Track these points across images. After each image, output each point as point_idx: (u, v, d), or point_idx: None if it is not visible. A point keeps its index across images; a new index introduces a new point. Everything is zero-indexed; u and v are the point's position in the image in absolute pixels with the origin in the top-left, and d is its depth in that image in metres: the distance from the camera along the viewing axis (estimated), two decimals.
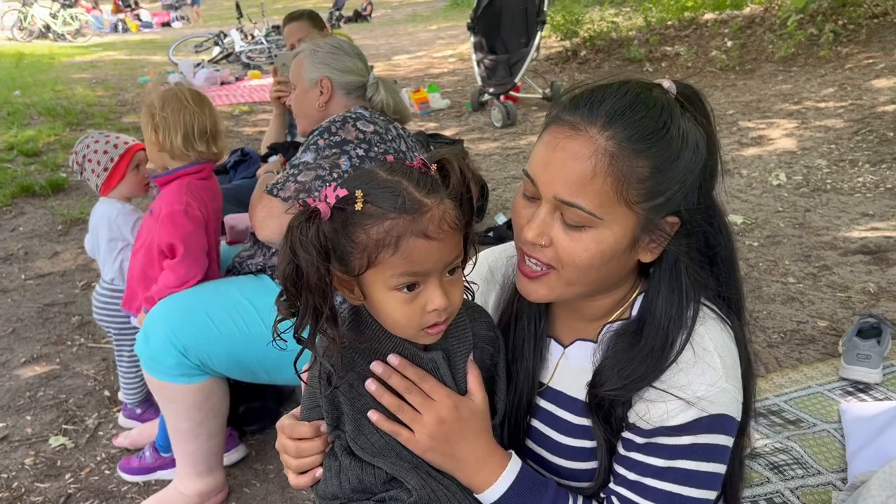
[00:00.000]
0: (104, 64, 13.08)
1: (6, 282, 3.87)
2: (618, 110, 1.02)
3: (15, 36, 17.70)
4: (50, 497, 2.27)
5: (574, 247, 1.05)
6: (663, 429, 1.08)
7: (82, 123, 7.57)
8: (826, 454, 2.11)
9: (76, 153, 2.37)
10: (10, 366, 3.04)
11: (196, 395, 2.02)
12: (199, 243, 2.12)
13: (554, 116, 1.08)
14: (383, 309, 1.03)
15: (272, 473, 2.34)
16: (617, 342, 1.15)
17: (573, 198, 1.03)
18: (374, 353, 1.09)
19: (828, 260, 3.54)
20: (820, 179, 4.69)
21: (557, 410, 1.23)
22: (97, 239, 2.42)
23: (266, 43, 12.22)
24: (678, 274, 1.11)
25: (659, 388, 1.09)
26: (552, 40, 10.54)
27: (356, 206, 0.97)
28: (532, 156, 1.10)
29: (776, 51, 8.10)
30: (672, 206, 1.06)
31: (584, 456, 1.19)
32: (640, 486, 1.10)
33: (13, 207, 5.03)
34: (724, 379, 1.08)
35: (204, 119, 2.14)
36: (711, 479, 1.09)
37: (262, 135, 3.99)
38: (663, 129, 1.03)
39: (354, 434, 1.07)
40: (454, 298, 1.05)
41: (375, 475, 1.10)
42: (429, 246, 0.98)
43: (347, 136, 2.07)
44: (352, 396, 1.07)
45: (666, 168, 1.03)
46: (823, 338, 2.86)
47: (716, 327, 1.12)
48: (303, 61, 2.33)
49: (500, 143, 6.42)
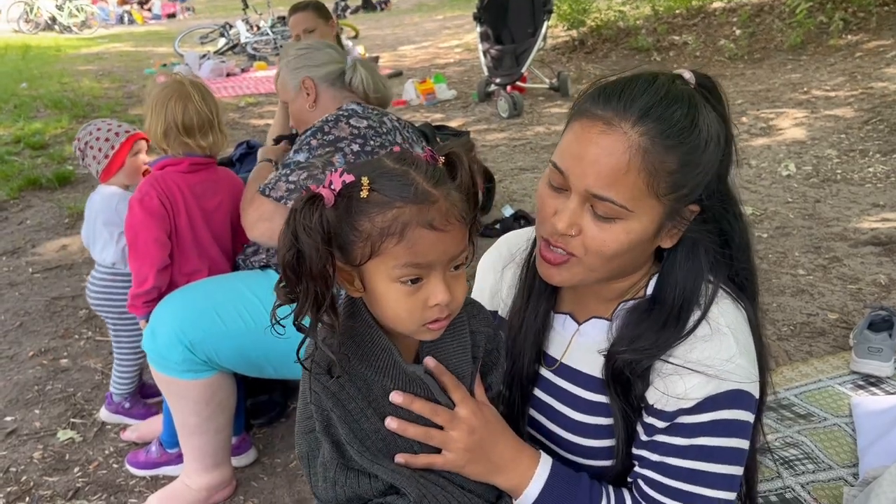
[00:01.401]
0: (110, 56, 13.08)
1: (13, 275, 3.88)
2: (651, 106, 1.04)
3: (21, 28, 17.72)
4: (59, 491, 2.27)
5: (604, 237, 1.08)
6: (684, 409, 1.10)
7: (89, 116, 7.56)
8: (837, 449, 2.09)
9: (79, 139, 2.40)
10: (18, 359, 3.04)
11: (203, 390, 2.02)
12: (150, 235, 2.10)
13: (583, 109, 1.10)
14: (384, 301, 1.00)
15: (279, 467, 2.34)
16: (631, 316, 1.18)
17: (606, 192, 1.05)
18: (368, 354, 1.06)
19: (838, 251, 3.51)
20: (830, 170, 4.65)
21: (571, 387, 1.24)
22: (94, 224, 2.42)
23: (272, 34, 12.18)
24: (696, 255, 1.15)
25: (675, 364, 1.11)
26: (559, 30, 10.49)
27: (361, 193, 0.95)
28: (561, 147, 1.12)
29: (785, 39, 8.04)
30: (695, 195, 1.10)
31: (601, 433, 1.20)
32: (663, 467, 1.12)
33: (20, 200, 5.04)
34: (738, 354, 1.10)
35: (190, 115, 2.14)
36: (735, 455, 1.11)
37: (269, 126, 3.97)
38: (692, 124, 1.06)
39: (350, 438, 1.04)
40: (457, 294, 1.02)
41: (371, 485, 1.09)
42: (435, 237, 0.95)
43: (341, 133, 2.06)
44: (343, 398, 1.04)
45: (693, 161, 1.07)
46: (834, 330, 2.84)
47: (730, 307, 1.15)
48: (283, 74, 2.40)
49: (507, 133, 6.39)
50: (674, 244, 1.15)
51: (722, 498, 1.11)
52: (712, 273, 1.15)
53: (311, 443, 1.12)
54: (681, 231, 1.13)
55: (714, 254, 1.15)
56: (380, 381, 1.06)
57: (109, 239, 2.40)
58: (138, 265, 2.12)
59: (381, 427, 1.06)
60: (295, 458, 2.37)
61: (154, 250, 2.11)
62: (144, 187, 2.13)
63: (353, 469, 1.08)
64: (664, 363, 1.12)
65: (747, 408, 1.11)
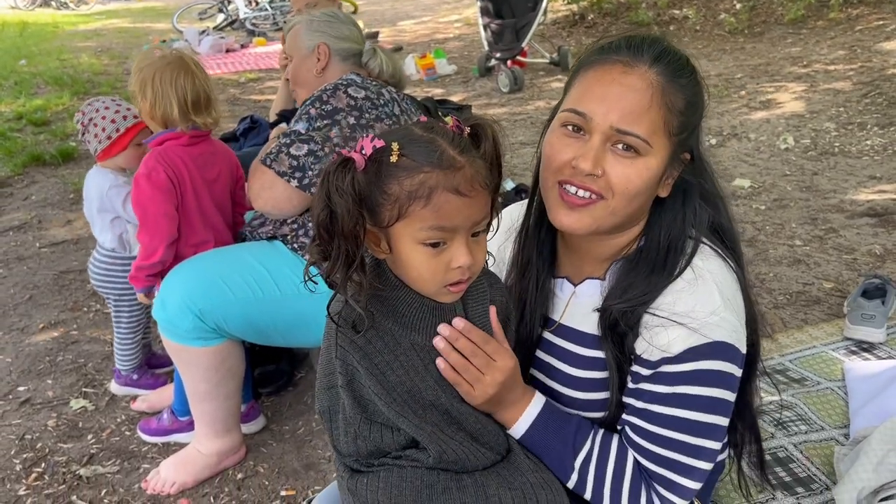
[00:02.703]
0: (108, 32, 13.02)
1: (21, 250, 3.93)
2: (661, 51, 1.17)
3: (17, 5, 17.62)
4: (73, 456, 2.34)
5: (628, 173, 1.14)
6: (667, 358, 1.15)
7: (89, 92, 7.57)
8: (829, 411, 2.16)
9: (83, 113, 2.37)
10: (29, 331, 3.10)
11: (213, 357, 2.07)
12: (159, 209, 2.11)
13: (594, 60, 1.19)
14: (409, 262, 1.05)
15: (287, 434, 2.41)
16: (621, 270, 1.24)
17: (631, 126, 1.13)
18: (394, 311, 1.11)
19: (834, 223, 3.56)
20: (828, 143, 4.68)
21: (569, 345, 1.30)
22: (91, 208, 2.44)
23: (270, 9, 12.12)
24: (680, 202, 1.23)
25: (660, 316, 1.16)
26: (559, 4, 10.43)
27: (391, 158, 1.00)
28: (576, 94, 1.19)
29: (786, 13, 8.02)
30: (691, 142, 1.21)
31: (596, 386, 1.26)
32: (647, 413, 1.18)
33: (25, 177, 5.07)
34: (723, 308, 1.15)
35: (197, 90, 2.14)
36: (717, 405, 1.16)
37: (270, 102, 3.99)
38: (693, 68, 1.20)
39: (378, 390, 1.09)
40: (478, 258, 1.07)
41: (394, 438, 1.14)
42: (460, 202, 1.01)
43: (338, 104, 2.08)
44: (370, 352, 1.09)
45: (695, 103, 1.19)
46: (829, 299, 2.90)
47: (716, 262, 1.21)
48: (299, 31, 2.38)
49: (508, 108, 6.40)
50: (667, 195, 1.22)
51: (704, 446, 1.16)
52: (696, 218, 1.23)
53: (333, 398, 1.17)
54: (674, 180, 1.22)
55: (696, 203, 1.24)
56: (408, 335, 1.11)
57: (104, 225, 2.44)
58: (148, 238, 2.13)
59: (407, 380, 1.11)
60: (303, 425, 2.43)
61: (164, 224, 2.13)
62: (150, 162, 2.12)
63: (375, 423, 1.13)
64: (652, 316, 1.17)
65: (731, 360, 1.15)
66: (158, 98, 2.11)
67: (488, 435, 1.19)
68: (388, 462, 1.16)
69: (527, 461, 1.21)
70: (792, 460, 1.96)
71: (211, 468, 2.21)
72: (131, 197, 2.18)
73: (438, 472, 1.14)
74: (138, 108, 2.20)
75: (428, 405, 1.13)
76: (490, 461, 1.18)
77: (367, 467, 1.18)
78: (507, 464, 1.19)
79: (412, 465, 1.14)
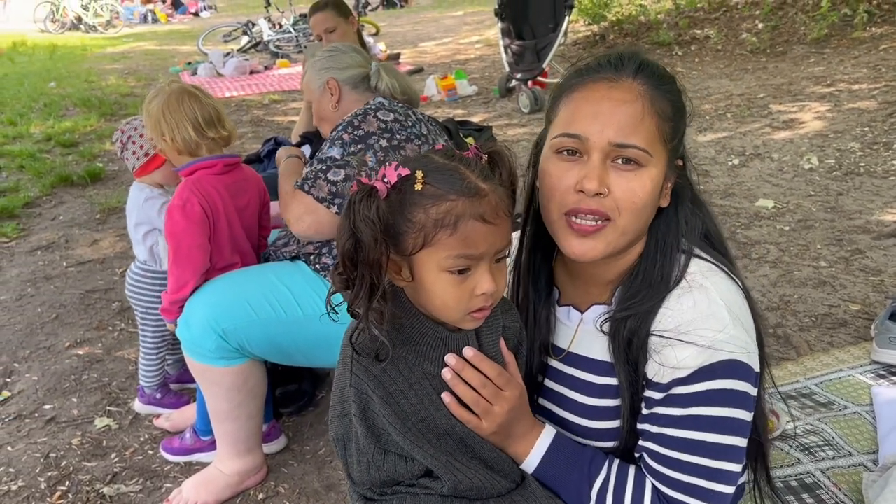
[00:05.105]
0: (135, 55, 13.26)
1: (49, 269, 3.99)
2: (640, 62, 1.18)
3: (48, 28, 18.00)
4: (97, 475, 2.36)
5: (633, 187, 1.13)
6: (678, 379, 1.13)
7: (116, 114, 7.71)
8: (857, 436, 2.12)
9: (122, 131, 2.42)
10: (55, 350, 3.14)
11: (235, 377, 2.08)
12: (193, 241, 2.10)
13: (576, 83, 1.19)
14: (433, 290, 1.05)
15: (308, 454, 2.41)
16: (623, 288, 1.24)
17: (629, 139, 1.12)
18: (408, 339, 1.11)
19: (860, 244, 3.52)
20: (853, 163, 4.63)
21: (580, 374, 1.29)
22: (130, 220, 2.49)
23: (294, 32, 12.28)
24: (673, 211, 1.24)
25: (669, 337, 1.14)
26: (579, 24, 10.47)
27: (416, 186, 1.00)
28: (565, 117, 1.18)
29: (808, 32, 7.97)
30: (681, 148, 1.22)
31: (609, 415, 1.25)
32: (662, 438, 1.16)
33: (53, 197, 5.16)
34: (731, 326, 1.13)
35: (206, 109, 2.16)
36: (733, 425, 1.13)
37: (293, 124, 4.04)
38: (671, 75, 1.21)
39: (392, 419, 1.08)
40: (501, 284, 1.08)
41: (408, 468, 1.13)
42: (485, 230, 1.01)
43: (370, 128, 2.11)
44: (385, 380, 1.09)
45: (681, 108, 1.20)
46: (855, 321, 2.85)
47: (719, 277, 1.19)
48: (308, 75, 2.46)
49: (528, 128, 6.42)
50: (668, 203, 1.23)
51: (723, 468, 1.13)
52: (688, 225, 1.24)
53: (346, 426, 1.17)
54: (671, 188, 1.22)
55: (688, 209, 1.24)
56: (420, 364, 1.11)
57: (138, 238, 2.48)
58: (180, 271, 2.11)
59: (421, 409, 1.10)
60: (324, 446, 2.43)
61: (197, 256, 2.11)
62: (185, 193, 2.11)
63: (389, 452, 1.13)
64: (659, 338, 1.16)
65: (744, 378, 1.13)
66: (174, 127, 2.12)
67: (503, 463, 1.18)
68: (401, 490, 1.15)
69: (541, 489, 1.20)
70: (819, 486, 1.92)
71: (232, 488, 2.22)
72: (164, 228, 2.17)
73: (452, 499, 1.13)
74: (161, 148, 2.21)
75: (442, 434, 1.13)
76: (505, 489, 1.17)
77: (380, 496, 1.17)
78: (522, 491, 1.18)
79: (426, 492, 1.13)
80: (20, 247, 4.32)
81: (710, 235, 1.28)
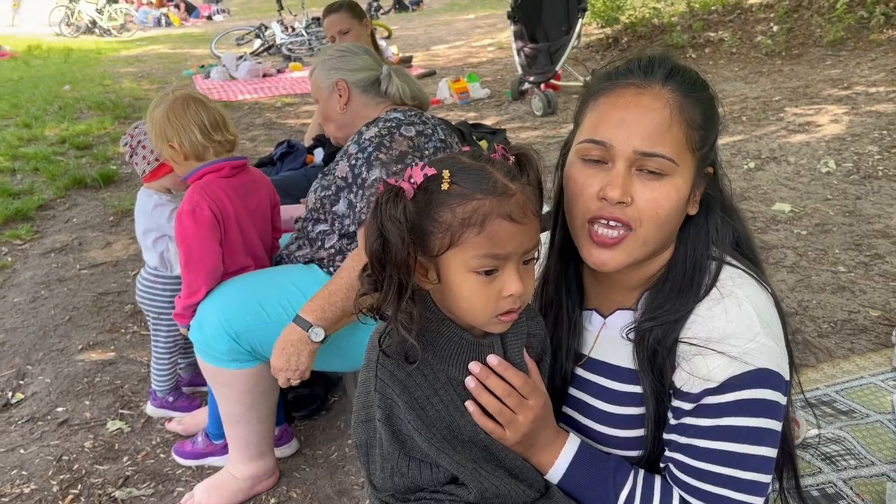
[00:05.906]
0: (149, 58, 13.33)
1: (62, 271, 3.99)
2: (671, 68, 1.14)
3: (62, 31, 18.15)
4: (109, 479, 2.35)
5: (657, 197, 1.11)
6: (709, 389, 1.11)
7: (130, 117, 7.74)
8: (880, 445, 2.08)
9: (131, 136, 2.40)
10: (69, 352, 3.14)
11: (247, 379, 2.07)
12: (204, 245, 2.08)
13: (604, 87, 1.16)
14: (460, 292, 1.03)
15: (321, 459, 2.39)
16: (651, 293, 1.21)
17: (654, 147, 1.09)
18: (433, 344, 1.09)
19: (880, 248, 3.47)
20: (871, 166, 4.58)
21: (602, 380, 1.26)
22: (139, 226, 2.47)
23: (306, 35, 12.31)
24: (703, 219, 1.21)
25: (696, 345, 1.12)
26: (593, 27, 10.44)
27: (443, 186, 0.98)
28: (591, 123, 1.16)
29: (824, 35, 7.91)
30: (711, 156, 1.19)
31: (632, 423, 1.22)
32: (691, 449, 1.13)
33: (67, 199, 5.18)
34: (762, 334, 1.10)
35: (211, 113, 2.15)
36: (764, 435, 1.10)
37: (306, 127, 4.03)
38: (703, 80, 1.17)
39: (417, 425, 1.07)
40: (528, 286, 1.06)
41: (433, 475, 1.11)
42: (513, 229, 0.99)
43: (401, 147, 2.06)
44: (410, 385, 1.07)
45: (711, 116, 1.16)
46: (876, 328, 2.81)
47: (750, 284, 1.17)
48: (317, 72, 2.40)
49: (541, 131, 6.39)
50: (696, 212, 1.20)
51: (753, 480, 1.10)
52: (719, 234, 1.20)
53: (370, 432, 1.15)
54: (699, 196, 1.19)
55: (719, 217, 1.21)
56: (445, 369, 1.09)
57: (148, 245, 2.46)
58: (192, 276, 2.10)
59: (446, 415, 1.09)
60: (336, 450, 2.42)
61: (208, 261, 2.10)
62: (194, 198, 2.10)
63: (414, 459, 1.11)
64: (688, 345, 1.13)
65: (775, 388, 1.10)
66: (180, 132, 2.11)
67: (527, 472, 1.16)
68: (425, 497, 1.13)
69: (566, 499, 1.18)
70: (842, 496, 1.89)
71: (244, 492, 2.20)
72: (175, 233, 2.15)
73: None
74: (167, 156, 2.19)
75: (467, 441, 1.10)
76: (530, 499, 1.15)
77: (402, 502, 1.15)
78: (547, 501, 1.16)
79: (451, 499, 1.11)
80: (34, 249, 4.33)
81: (741, 242, 1.26)
